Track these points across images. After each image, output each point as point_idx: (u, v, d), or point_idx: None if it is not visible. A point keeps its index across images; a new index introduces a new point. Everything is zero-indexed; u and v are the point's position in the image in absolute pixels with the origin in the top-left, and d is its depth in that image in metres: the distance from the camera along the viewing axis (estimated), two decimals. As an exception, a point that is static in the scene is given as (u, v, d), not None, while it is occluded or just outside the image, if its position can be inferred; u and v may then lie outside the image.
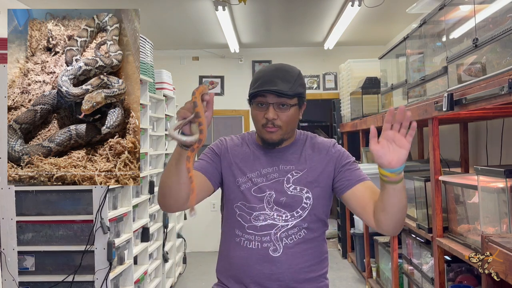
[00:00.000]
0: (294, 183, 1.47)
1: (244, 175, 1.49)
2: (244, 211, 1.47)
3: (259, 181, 1.48)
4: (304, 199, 1.46)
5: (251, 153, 1.53)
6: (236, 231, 1.47)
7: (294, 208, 1.45)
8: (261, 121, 1.45)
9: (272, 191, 1.46)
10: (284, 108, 1.43)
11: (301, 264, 1.46)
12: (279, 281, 1.43)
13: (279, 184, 1.47)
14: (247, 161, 1.51)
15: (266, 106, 1.43)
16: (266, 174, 1.49)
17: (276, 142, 1.48)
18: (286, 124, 1.45)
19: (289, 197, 1.46)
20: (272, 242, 1.44)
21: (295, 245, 1.45)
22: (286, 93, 1.40)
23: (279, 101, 1.42)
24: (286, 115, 1.44)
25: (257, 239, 1.44)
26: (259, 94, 1.42)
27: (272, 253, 1.43)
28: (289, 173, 1.48)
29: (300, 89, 1.46)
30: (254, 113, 1.47)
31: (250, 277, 1.44)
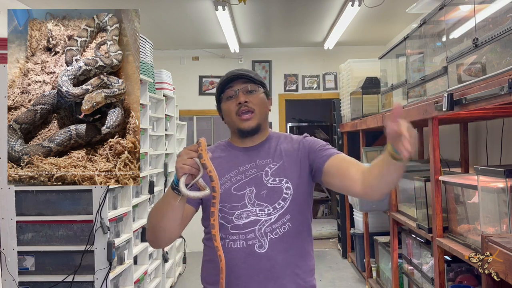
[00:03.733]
0: (272, 175, 1.47)
1: (222, 177, 1.48)
2: (226, 212, 1.45)
3: (238, 178, 1.48)
4: (285, 189, 1.45)
5: (227, 155, 1.54)
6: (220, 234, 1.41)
7: (276, 200, 1.44)
8: (234, 109, 1.47)
9: (252, 187, 1.46)
10: (252, 92, 1.48)
11: (288, 259, 1.44)
12: (268, 277, 1.41)
13: (258, 178, 1.47)
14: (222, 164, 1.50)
15: (235, 94, 1.47)
16: (244, 171, 1.49)
17: (253, 128, 1.49)
18: (258, 106, 1.48)
19: (269, 190, 1.45)
20: (257, 238, 1.42)
21: (280, 240, 1.42)
22: (251, 77, 1.48)
23: (246, 86, 1.48)
24: (257, 97, 1.49)
25: (241, 238, 1.42)
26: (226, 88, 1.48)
27: (258, 250, 1.41)
28: (266, 166, 1.49)
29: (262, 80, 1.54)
30: (225, 107, 1.50)
31: (238, 277, 1.41)
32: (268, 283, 1.41)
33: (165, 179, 4.22)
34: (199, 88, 6.20)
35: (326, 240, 6.49)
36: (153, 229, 1.39)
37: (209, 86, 6.20)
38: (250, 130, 1.49)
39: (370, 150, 4.48)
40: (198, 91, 6.19)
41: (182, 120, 5.47)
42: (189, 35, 5.47)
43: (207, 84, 6.21)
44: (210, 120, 6.34)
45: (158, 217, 1.36)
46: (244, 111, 1.46)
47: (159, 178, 4.15)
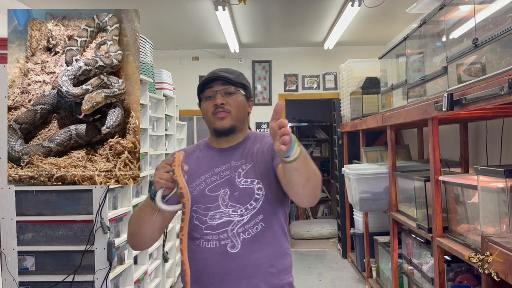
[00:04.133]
0: (244, 176, 1.48)
1: (198, 178, 1.51)
2: (200, 213, 1.48)
3: (213, 179, 1.50)
4: (256, 190, 1.46)
5: (203, 156, 1.57)
6: (195, 234, 1.47)
7: (247, 201, 1.46)
8: (211, 109, 1.50)
9: (226, 188, 1.48)
10: (231, 94, 1.50)
11: (261, 259, 1.45)
12: (240, 277, 1.43)
13: (231, 179, 1.49)
14: (199, 165, 1.54)
15: (214, 95, 1.50)
16: (219, 172, 1.51)
17: (227, 128, 1.51)
18: (235, 109, 1.50)
19: (241, 191, 1.47)
20: (229, 238, 1.44)
21: (253, 239, 1.44)
22: (231, 79, 1.50)
23: (225, 88, 1.50)
24: (234, 100, 1.50)
25: (214, 238, 1.45)
26: (206, 87, 1.50)
27: (230, 250, 1.43)
28: (239, 167, 1.51)
29: (244, 81, 1.55)
30: (204, 106, 1.53)
31: (211, 276, 1.44)
32: (241, 282, 1.43)
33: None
34: (199, 88, 6.20)
35: (326, 240, 6.49)
36: (133, 234, 1.46)
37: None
38: (223, 130, 1.52)
39: (370, 150, 4.49)
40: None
41: (182, 120, 5.47)
42: (189, 35, 5.47)
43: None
44: (210, 120, 6.34)
45: (137, 224, 1.43)
46: (219, 112, 1.49)
47: (159, 178, 4.14)
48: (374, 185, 3.62)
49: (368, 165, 3.92)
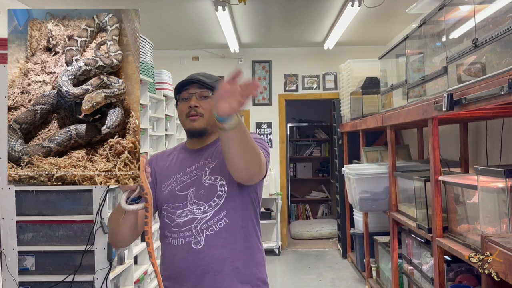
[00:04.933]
0: (209, 175, 1.53)
1: (170, 178, 1.57)
2: (169, 212, 1.54)
3: (183, 179, 1.56)
4: (219, 186, 1.51)
5: (177, 157, 1.63)
6: (166, 232, 1.55)
7: (211, 198, 1.50)
8: (185, 111, 1.55)
9: (194, 187, 1.53)
10: (206, 98, 1.54)
11: (226, 254, 1.48)
12: (205, 272, 1.47)
13: (198, 178, 1.54)
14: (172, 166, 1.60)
15: (189, 97, 1.55)
16: (189, 172, 1.56)
17: (199, 130, 1.56)
18: (208, 112, 1.53)
19: (205, 189, 1.51)
20: (193, 235, 1.49)
21: (216, 235, 1.48)
22: (207, 83, 1.54)
23: (200, 91, 1.54)
24: (208, 103, 1.54)
25: (180, 236, 1.50)
26: (183, 89, 1.56)
27: (194, 246, 1.48)
28: (206, 166, 1.55)
29: None
30: (179, 107, 1.58)
31: (179, 273, 1.50)
32: (205, 277, 1.47)
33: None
34: (199, 88, 6.20)
35: (326, 240, 6.49)
36: (112, 234, 1.52)
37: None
38: (194, 131, 1.56)
39: (370, 150, 4.49)
40: (198, 91, 6.19)
41: (182, 120, 5.46)
42: (189, 35, 5.47)
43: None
44: (210, 120, 6.34)
45: (114, 225, 1.49)
46: (193, 114, 1.54)
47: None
48: (374, 185, 3.62)
49: (368, 165, 3.92)
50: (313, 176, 7.93)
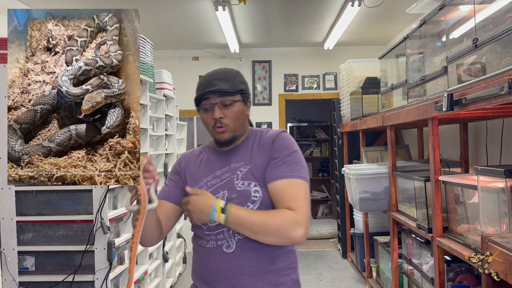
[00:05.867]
0: (242, 179, 1.51)
1: (200, 181, 1.56)
2: None
3: (214, 183, 1.54)
4: (253, 192, 1.49)
5: (207, 159, 1.61)
6: (198, 234, 1.55)
7: (244, 202, 1.48)
8: (210, 122, 1.53)
9: (225, 190, 1.51)
10: (228, 106, 1.51)
11: (258, 257, 1.48)
12: (237, 276, 1.47)
13: (230, 182, 1.52)
14: (202, 168, 1.59)
15: (211, 107, 1.51)
16: (220, 175, 1.55)
17: (227, 140, 1.55)
18: (233, 120, 1.52)
19: (238, 193, 1.49)
20: (225, 239, 1.49)
21: (248, 239, 1.47)
22: (227, 91, 1.49)
23: (222, 100, 1.50)
24: (232, 112, 1.51)
25: (212, 238, 1.50)
26: (203, 98, 1.51)
27: (225, 250, 1.48)
28: (238, 169, 1.53)
29: (240, 85, 1.54)
30: (203, 118, 1.56)
31: (211, 275, 1.50)
32: (238, 281, 1.47)
33: (165, 179, 4.22)
34: (199, 88, 6.20)
35: (326, 240, 6.49)
36: None
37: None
38: (224, 141, 1.55)
39: (370, 150, 4.49)
40: (198, 91, 6.19)
41: (182, 120, 5.47)
42: (189, 35, 5.47)
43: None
44: (210, 120, 6.33)
45: None
46: (219, 126, 1.52)
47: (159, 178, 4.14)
48: (374, 185, 3.62)
49: (368, 165, 3.92)
50: (313, 176, 7.93)
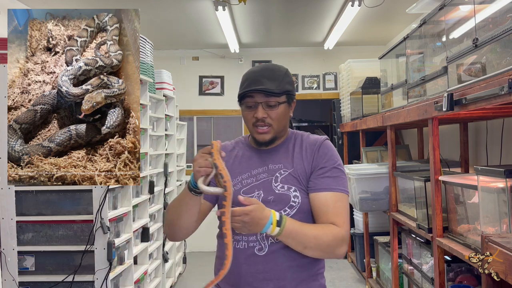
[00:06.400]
0: (282, 182, 1.47)
1: (234, 179, 1.50)
2: None
3: (249, 181, 1.50)
4: (292, 197, 1.45)
5: (242, 156, 1.56)
6: None
7: (282, 206, 1.45)
8: (251, 120, 1.47)
9: (260, 190, 1.47)
10: (273, 106, 1.46)
11: (288, 262, 1.45)
12: (266, 279, 1.43)
13: (268, 183, 1.48)
14: (237, 164, 1.54)
15: (255, 106, 1.46)
16: (256, 174, 1.50)
17: (268, 141, 1.50)
18: (276, 121, 1.47)
19: (276, 196, 1.46)
20: (258, 241, 1.45)
21: (280, 243, 1.43)
22: (273, 92, 1.43)
23: (267, 100, 1.45)
24: (276, 113, 1.46)
25: (244, 239, 1.46)
26: (247, 94, 1.45)
27: (257, 252, 1.44)
28: (277, 172, 1.49)
29: (287, 86, 1.48)
30: (244, 114, 1.50)
31: (239, 277, 1.45)
32: (268, 284, 1.44)
33: (165, 179, 4.22)
34: (199, 88, 6.20)
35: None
36: (170, 225, 1.48)
37: (209, 86, 6.21)
38: (264, 142, 1.50)
39: (370, 150, 4.49)
40: (198, 91, 6.19)
41: (182, 120, 5.47)
42: (189, 35, 5.47)
43: (207, 84, 6.21)
44: (210, 120, 6.34)
45: (174, 216, 1.44)
46: (260, 125, 1.47)
47: (159, 178, 4.14)
48: (374, 185, 3.62)
49: (368, 165, 3.92)
50: (313, 176, 7.91)
